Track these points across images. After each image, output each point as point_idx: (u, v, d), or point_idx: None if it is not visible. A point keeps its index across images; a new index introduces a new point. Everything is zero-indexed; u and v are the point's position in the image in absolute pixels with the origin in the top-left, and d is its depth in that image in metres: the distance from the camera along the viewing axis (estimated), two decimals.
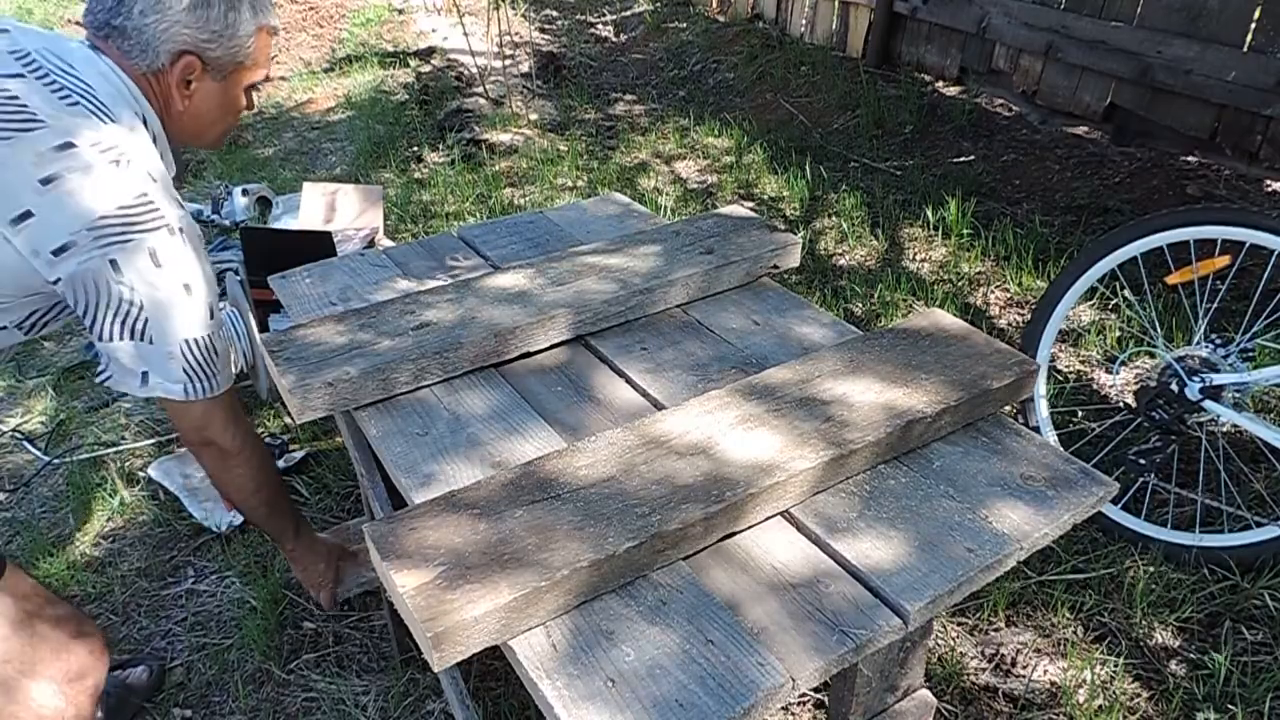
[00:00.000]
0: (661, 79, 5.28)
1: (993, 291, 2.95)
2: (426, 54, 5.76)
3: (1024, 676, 1.77)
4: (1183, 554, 1.96)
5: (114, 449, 2.53)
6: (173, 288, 1.24)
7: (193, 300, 1.27)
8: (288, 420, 2.62)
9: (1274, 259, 1.96)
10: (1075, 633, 1.85)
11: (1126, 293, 2.70)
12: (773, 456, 1.03)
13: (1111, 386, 2.50)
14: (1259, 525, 1.93)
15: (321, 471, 2.41)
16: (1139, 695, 1.72)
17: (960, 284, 2.99)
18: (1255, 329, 2.16)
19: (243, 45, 1.34)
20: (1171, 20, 3.32)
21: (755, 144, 4.18)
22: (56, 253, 1.16)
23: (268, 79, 1.44)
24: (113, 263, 1.18)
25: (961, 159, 3.82)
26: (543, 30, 6.23)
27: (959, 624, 1.89)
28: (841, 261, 3.24)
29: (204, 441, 1.41)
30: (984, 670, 1.79)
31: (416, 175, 4.15)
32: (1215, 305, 2.50)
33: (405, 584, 0.86)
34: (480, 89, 5.01)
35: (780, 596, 0.93)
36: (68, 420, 2.66)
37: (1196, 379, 1.97)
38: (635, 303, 1.41)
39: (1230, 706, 1.67)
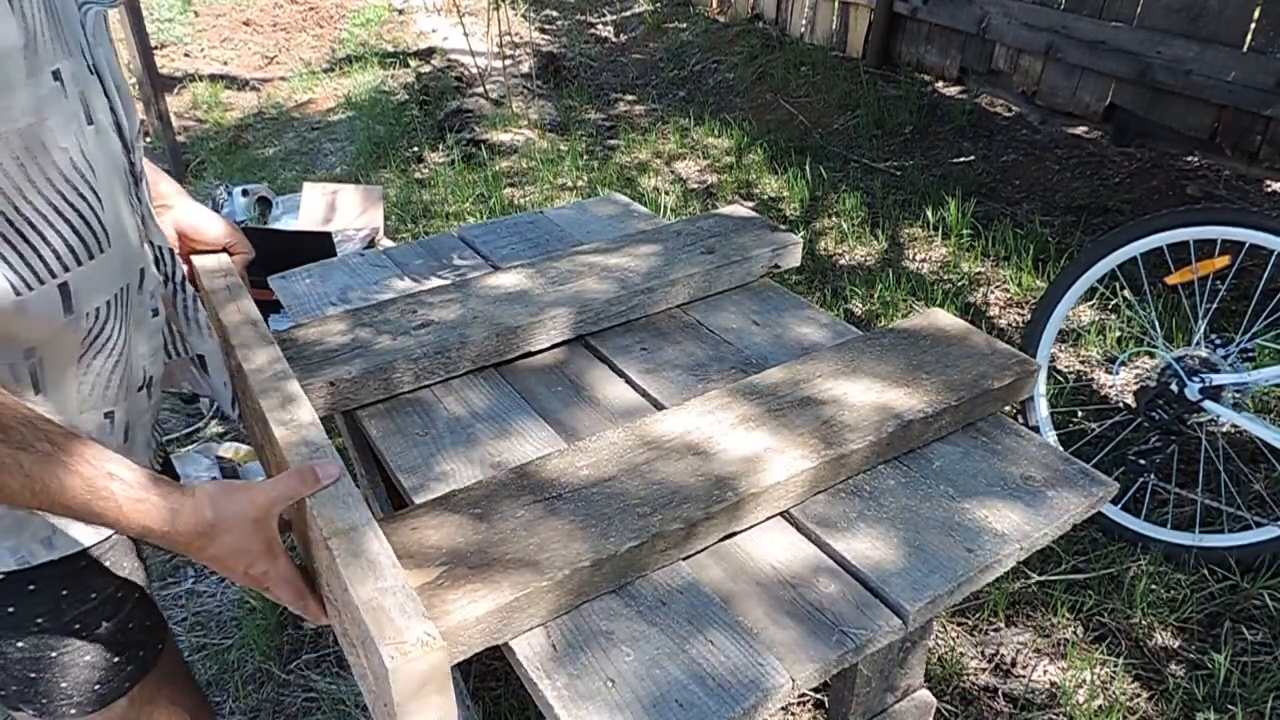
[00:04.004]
0: (661, 79, 5.28)
1: (993, 291, 2.95)
2: (427, 54, 5.76)
3: (1024, 677, 1.77)
4: (1183, 554, 1.96)
5: None
6: None
7: None
8: None
9: (1274, 259, 1.96)
10: (1075, 633, 1.85)
11: (1126, 293, 2.70)
12: (772, 456, 1.03)
13: (1111, 386, 2.50)
14: (1259, 525, 1.93)
15: None
16: (1139, 695, 1.72)
17: (960, 284, 2.99)
18: (1255, 329, 2.16)
19: None
20: (1171, 20, 3.32)
21: (755, 144, 4.18)
22: None
23: None
24: None
25: (961, 159, 3.82)
26: (543, 30, 6.23)
27: (959, 624, 1.89)
28: (841, 261, 3.24)
29: None
30: (984, 670, 1.79)
31: (417, 175, 4.16)
32: (1215, 305, 2.50)
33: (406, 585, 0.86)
34: (480, 89, 5.01)
35: (780, 597, 0.93)
36: None
37: (1196, 379, 1.97)
38: (635, 303, 1.41)
39: (1230, 707, 1.67)
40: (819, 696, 1.76)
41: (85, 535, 0.93)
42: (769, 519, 1.04)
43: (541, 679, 0.83)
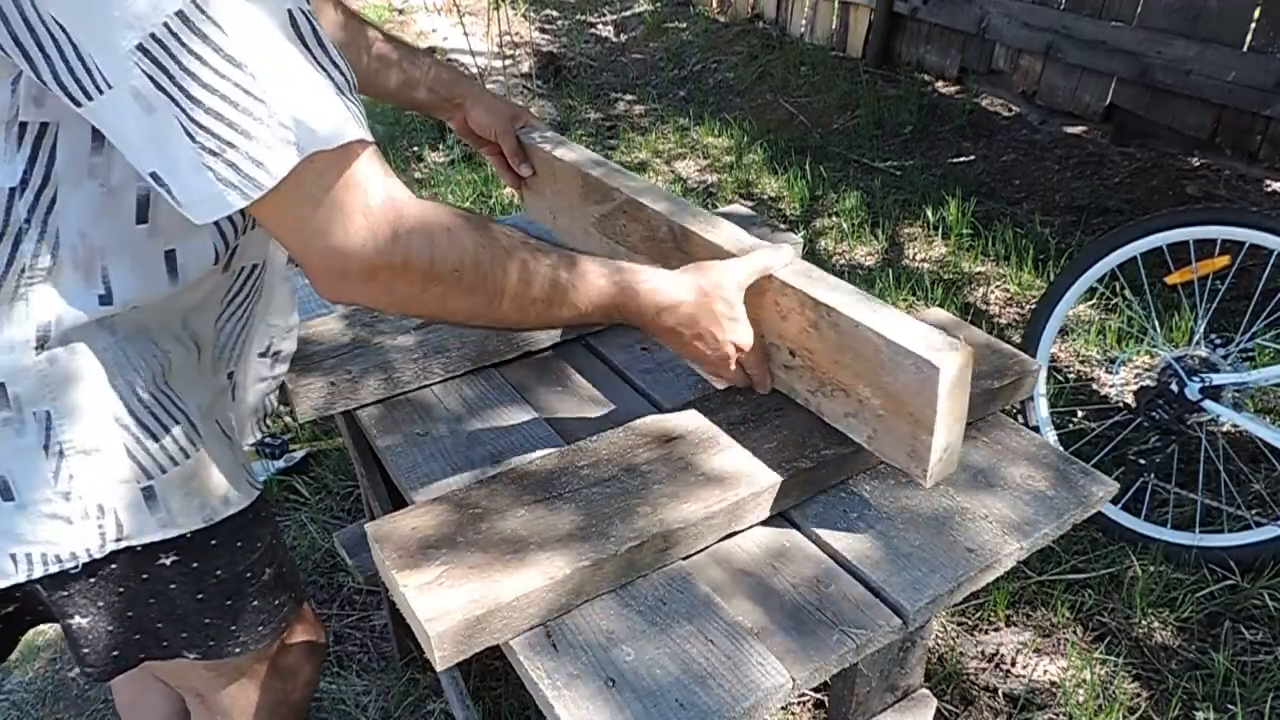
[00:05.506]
0: (661, 79, 5.28)
1: (993, 291, 2.95)
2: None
3: (1024, 676, 1.77)
4: (1183, 554, 1.96)
5: None
6: None
7: None
8: (288, 420, 2.62)
9: (1274, 259, 1.96)
10: (1075, 633, 1.85)
11: (1126, 293, 2.70)
12: (773, 456, 1.03)
13: (1111, 386, 2.50)
14: (1259, 525, 1.93)
15: (321, 471, 2.41)
16: (1139, 695, 1.72)
17: (960, 283, 3.00)
18: (1255, 329, 2.16)
19: None
20: (1171, 20, 3.33)
21: (755, 144, 4.18)
22: None
23: None
24: None
25: (961, 159, 3.83)
26: (543, 30, 6.23)
27: (959, 624, 1.89)
28: (841, 261, 3.24)
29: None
30: (984, 670, 1.79)
31: (416, 175, 4.16)
32: (1215, 305, 2.51)
33: (407, 584, 0.86)
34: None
35: (780, 596, 0.93)
36: None
37: (1196, 379, 1.97)
38: None
39: (1230, 706, 1.67)
40: (819, 696, 1.76)
41: (250, 491, 1.01)
42: (770, 518, 1.04)
43: (541, 679, 0.83)
